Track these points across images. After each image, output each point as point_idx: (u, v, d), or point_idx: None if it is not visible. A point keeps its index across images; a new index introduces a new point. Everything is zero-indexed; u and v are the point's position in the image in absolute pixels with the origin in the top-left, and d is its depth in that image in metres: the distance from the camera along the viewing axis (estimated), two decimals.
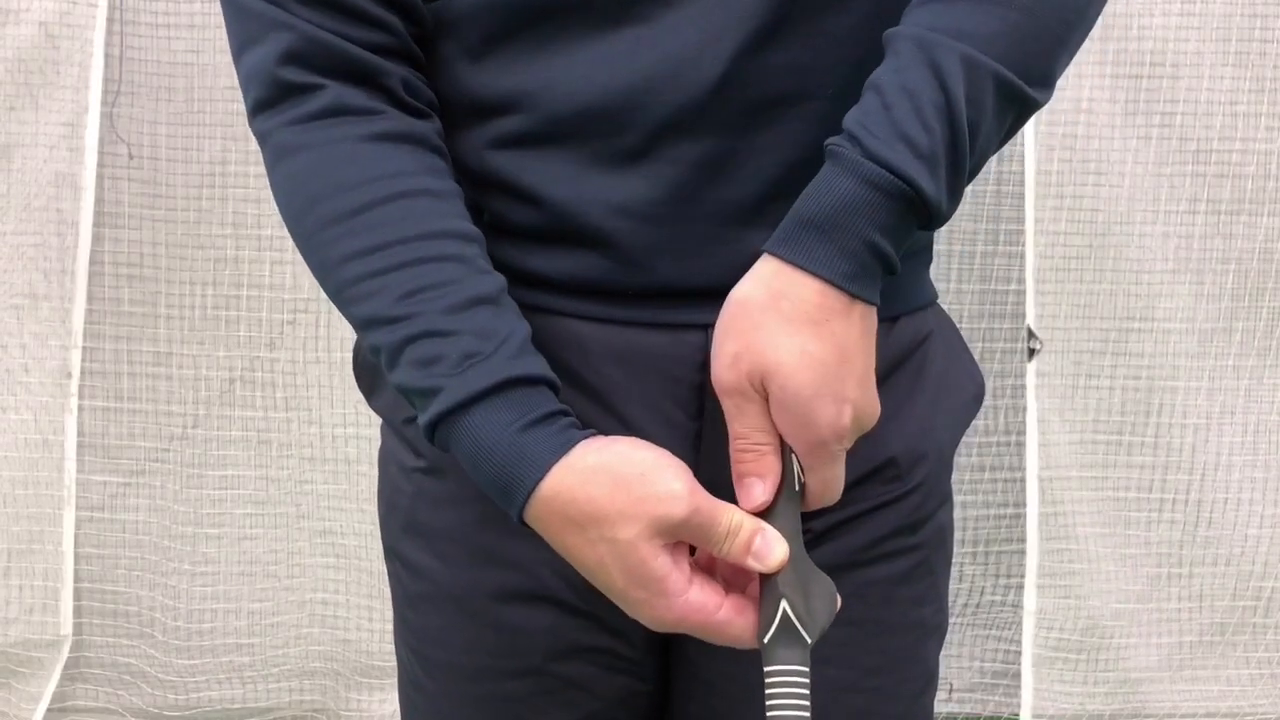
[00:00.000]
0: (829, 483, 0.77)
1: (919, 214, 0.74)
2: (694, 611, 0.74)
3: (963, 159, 0.74)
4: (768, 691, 0.74)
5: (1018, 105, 0.76)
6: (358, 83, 0.81)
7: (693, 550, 0.77)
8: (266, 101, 0.82)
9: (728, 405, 0.75)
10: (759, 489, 0.75)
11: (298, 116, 0.81)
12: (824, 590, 0.75)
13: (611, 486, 0.73)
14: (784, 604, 0.73)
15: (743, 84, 0.80)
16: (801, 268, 0.73)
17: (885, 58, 0.76)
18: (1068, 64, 0.80)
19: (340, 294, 0.80)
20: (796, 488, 0.76)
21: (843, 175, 0.73)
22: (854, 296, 0.73)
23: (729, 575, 0.78)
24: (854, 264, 0.73)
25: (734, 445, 0.76)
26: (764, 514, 0.75)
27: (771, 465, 0.75)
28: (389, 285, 0.77)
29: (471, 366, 0.75)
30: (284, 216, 0.84)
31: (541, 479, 0.74)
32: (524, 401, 0.76)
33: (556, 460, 0.74)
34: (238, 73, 0.84)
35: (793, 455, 0.76)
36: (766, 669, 0.74)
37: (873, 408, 0.77)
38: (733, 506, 0.75)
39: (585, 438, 0.76)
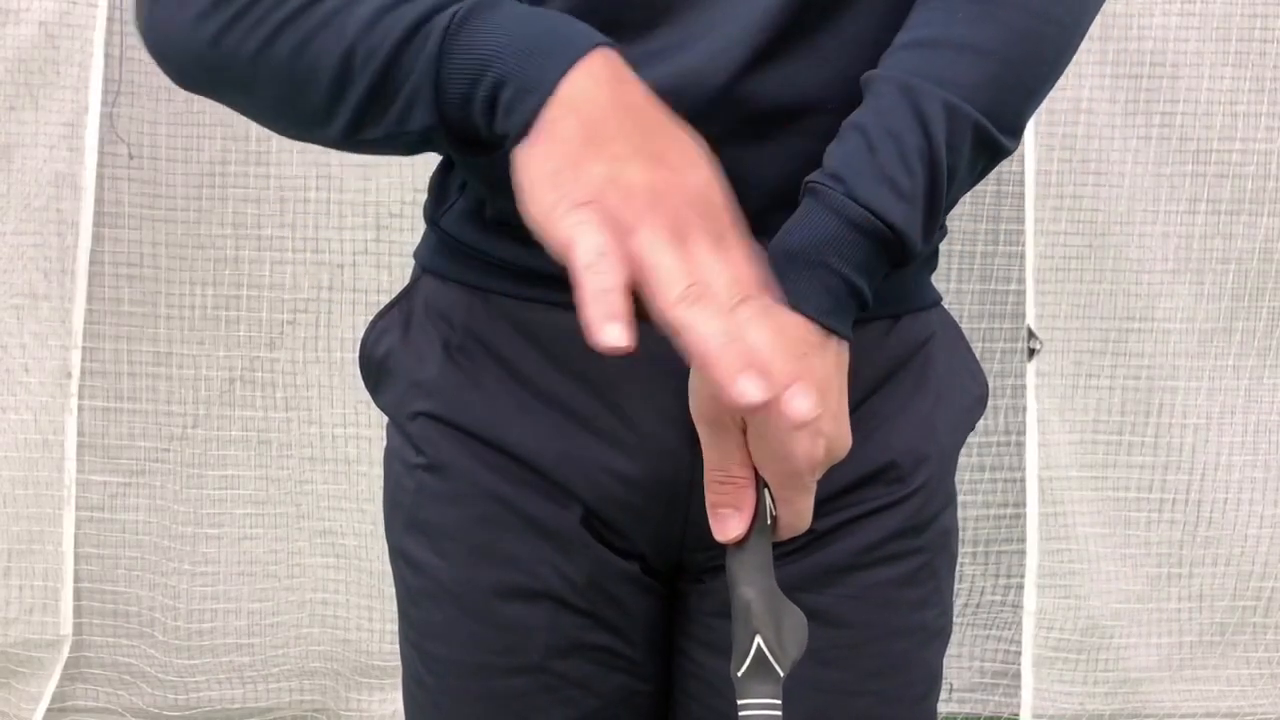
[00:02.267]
0: (800, 514, 0.77)
1: (894, 254, 0.76)
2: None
3: (939, 202, 0.77)
4: None
5: (990, 152, 0.79)
6: None
7: None
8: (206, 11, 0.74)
9: (705, 435, 0.75)
10: (735, 522, 0.74)
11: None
12: (795, 622, 0.74)
13: (643, 96, 0.68)
14: (758, 639, 0.72)
15: (747, 97, 0.81)
16: (784, 303, 0.73)
17: (865, 99, 0.78)
18: (1033, 113, 0.83)
19: (368, 33, 0.71)
20: (769, 520, 0.76)
21: (825, 213, 0.75)
22: (830, 331, 0.75)
23: None
24: (832, 300, 0.75)
25: (709, 476, 0.75)
26: (736, 546, 0.75)
27: (748, 498, 0.75)
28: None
29: None
30: (276, 82, 0.74)
31: (594, 47, 0.68)
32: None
33: (604, 45, 0.69)
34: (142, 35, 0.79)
35: (765, 488, 0.76)
36: (740, 703, 0.73)
37: (844, 440, 0.78)
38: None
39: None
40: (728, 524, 0.74)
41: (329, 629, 2.62)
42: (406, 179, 2.47)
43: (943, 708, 2.57)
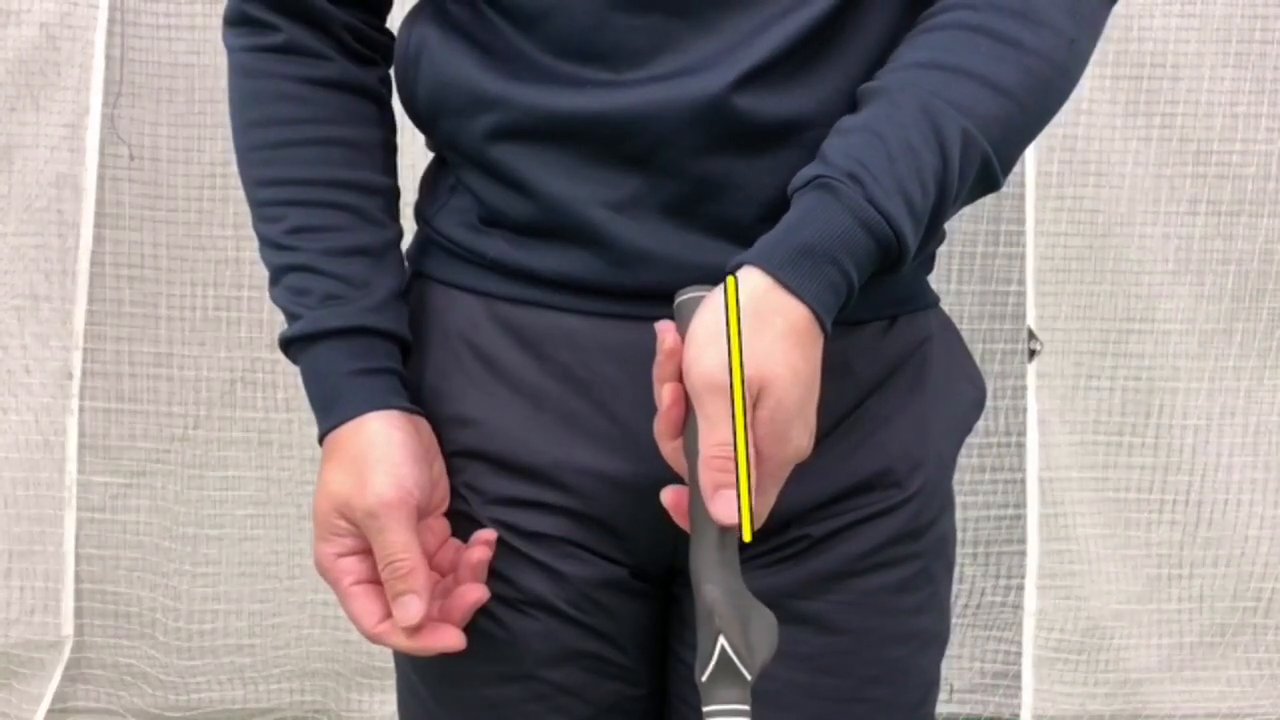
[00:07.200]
0: (766, 511, 0.75)
1: (888, 264, 0.76)
2: (334, 570, 0.86)
3: (938, 224, 0.78)
4: None
5: (985, 186, 0.80)
6: (309, 26, 0.91)
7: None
8: (235, 20, 0.93)
9: (716, 408, 0.71)
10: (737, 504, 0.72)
11: (257, 45, 0.92)
12: (764, 623, 0.72)
13: (362, 449, 0.84)
14: (722, 640, 0.71)
15: (747, 116, 0.81)
16: (795, 293, 0.73)
17: (879, 103, 0.78)
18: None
19: (252, 207, 0.92)
20: None
21: (842, 211, 0.74)
22: (822, 328, 0.74)
23: (443, 566, 0.88)
24: (834, 298, 0.74)
25: (714, 453, 0.71)
26: (700, 541, 0.72)
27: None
28: (286, 216, 0.89)
29: (329, 307, 0.87)
30: (231, 124, 0.95)
31: (344, 422, 0.86)
32: (363, 351, 0.87)
33: (360, 415, 0.86)
34: None
35: None
36: (705, 709, 0.71)
37: (812, 441, 0.76)
38: (414, 549, 0.83)
39: (398, 406, 0.87)
40: (735, 505, 0.71)
41: (330, 629, 2.62)
42: (406, 179, 2.47)
43: (943, 708, 2.58)
